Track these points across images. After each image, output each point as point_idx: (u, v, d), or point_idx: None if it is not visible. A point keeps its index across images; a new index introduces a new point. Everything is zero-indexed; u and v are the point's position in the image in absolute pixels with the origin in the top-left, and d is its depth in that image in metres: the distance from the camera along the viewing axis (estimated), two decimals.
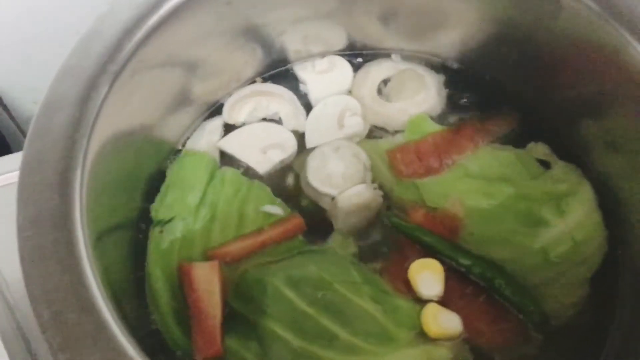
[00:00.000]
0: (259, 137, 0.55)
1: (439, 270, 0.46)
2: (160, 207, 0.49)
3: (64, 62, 0.41)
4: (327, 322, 0.41)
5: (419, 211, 0.50)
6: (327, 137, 0.54)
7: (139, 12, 0.43)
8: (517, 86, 0.54)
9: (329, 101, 0.56)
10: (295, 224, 0.49)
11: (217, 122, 0.56)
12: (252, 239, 0.48)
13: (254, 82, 0.57)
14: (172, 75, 0.49)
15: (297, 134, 0.55)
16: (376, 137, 0.55)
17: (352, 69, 0.57)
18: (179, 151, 0.53)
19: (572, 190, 0.49)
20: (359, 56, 0.58)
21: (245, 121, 0.56)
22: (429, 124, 0.53)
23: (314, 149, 0.54)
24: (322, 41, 0.57)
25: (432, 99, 0.55)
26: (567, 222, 0.47)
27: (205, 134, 0.55)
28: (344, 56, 0.58)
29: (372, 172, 0.52)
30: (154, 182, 0.50)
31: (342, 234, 0.49)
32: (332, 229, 0.50)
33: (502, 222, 0.48)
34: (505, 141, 0.52)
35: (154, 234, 0.48)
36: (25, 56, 0.67)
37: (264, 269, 0.45)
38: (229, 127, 0.56)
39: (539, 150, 0.52)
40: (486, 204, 0.49)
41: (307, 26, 0.54)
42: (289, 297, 0.42)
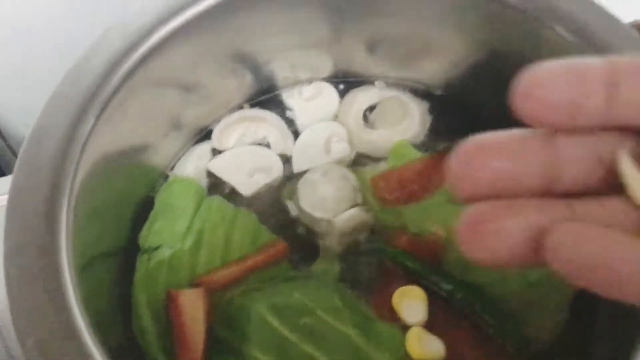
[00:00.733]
0: (246, 160, 0.56)
1: (421, 297, 0.47)
2: (148, 235, 0.49)
3: (54, 91, 0.42)
4: (309, 348, 0.42)
5: (403, 237, 0.50)
6: (315, 161, 0.55)
7: (129, 42, 0.44)
8: (499, 113, 0.55)
9: (316, 127, 0.57)
10: (279, 249, 0.50)
11: (206, 147, 0.57)
12: (238, 265, 0.48)
13: (242, 108, 0.58)
14: (161, 102, 0.50)
15: (285, 158, 0.56)
16: (361, 164, 0.56)
17: (338, 94, 0.59)
18: (168, 176, 0.54)
19: None
20: (344, 82, 0.59)
21: (234, 147, 0.57)
22: (411, 151, 0.54)
23: (302, 174, 0.55)
24: (309, 68, 0.58)
25: (416, 126, 0.56)
26: None
27: (194, 158, 0.56)
28: (330, 82, 0.59)
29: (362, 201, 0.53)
30: (143, 209, 0.51)
31: (327, 259, 0.50)
32: (318, 253, 0.50)
33: None
34: None
35: (142, 261, 0.48)
36: (17, 78, 0.67)
37: (248, 296, 0.45)
38: (217, 153, 0.56)
39: None
40: None
41: (294, 54, 0.55)
42: (272, 324, 0.43)
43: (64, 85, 0.42)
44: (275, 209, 0.54)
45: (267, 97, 0.59)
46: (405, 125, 0.57)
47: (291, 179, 0.55)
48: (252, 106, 0.58)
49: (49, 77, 0.43)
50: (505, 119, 0.57)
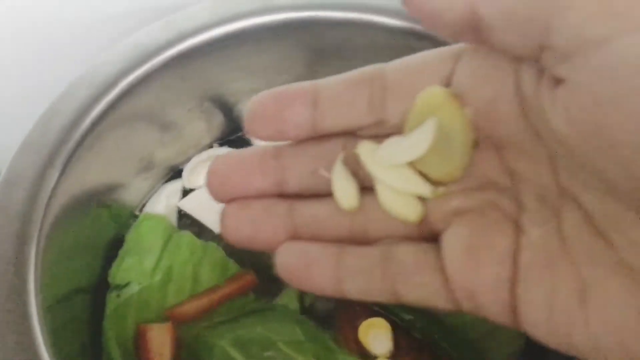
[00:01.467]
0: None
1: (386, 328, 0.48)
2: (117, 272, 0.50)
3: (24, 138, 0.44)
4: None
5: None
6: None
7: (97, 89, 0.46)
8: None
9: None
10: (246, 280, 0.51)
11: (176, 186, 0.58)
12: (206, 297, 0.50)
13: (211, 147, 0.60)
14: (130, 145, 0.52)
15: None
16: None
17: None
18: (138, 216, 0.56)
19: None
20: None
21: (204, 185, 0.59)
22: None
23: None
24: None
25: None
26: None
27: (164, 197, 0.58)
28: None
29: None
30: (113, 248, 0.52)
31: (291, 292, 0.51)
32: (282, 285, 0.52)
33: None
34: None
35: (111, 298, 0.49)
36: None
37: (213, 331, 0.47)
38: (187, 192, 0.58)
39: None
40: None
41: None
42: (235, 358, 0.44)
43: (34, 131, 0.44)
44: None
45: (235, 137, 0.61)
46: None
47: None
48: (221, 145, 0.60)
49: (25, 118, 0.44)
50: None
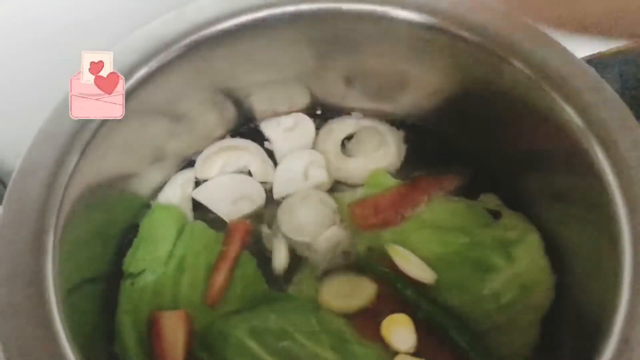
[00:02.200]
0: (229, 189, 0.58)
1: (409, 324, 0.48)
2: (131, 261, 0.51)
3: (40, 128, 0.44)
4: None
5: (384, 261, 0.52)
6: (294, 187, 0.58)
7: None
8: (470, 142, 0.58)
9: (295, 154, 0.59)
10: (243, 229, 0.53)
11: (189, 175, 0.58)
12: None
13: (223, 138, 0.60)
14: (145, 135, 0.52)
15: (267, 185, 0.58)
16: (338, 190, 0.58)
17: (315, 126, 0.61)
18: (151, 205, 0.56)
19: (521, 237, 0.52)
20: (321, 114, 0.62)
21: (217, 176, 0.59)
22: (386, 179, 0.56)
23: (282, 200, 0.57)
24: (287, 101, 0.60)
25: (392, 154, 0.59)
26: (515, 268, 0.50)
27: (177, 186, 0.58)
28: (307, 114, 0.62)
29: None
30: (127, 236, 0.53)
31: (306, 281, 0.52)
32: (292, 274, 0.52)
33: (457, 269, 0.51)
34: (457, 193, 0.56)
35: (125, 286, 0.50)
36: (5, 109, 0.69)
37: (227, 321, 0.47)
38: (199, 182, 0.58)
39: (489, 201, 0.55)
40: (442, 252, 0.52)
41: (272, 89, 0.58)
42: (251, 348, 0.44)
43: (49, 122, 0.44)
44: (256, 232, 0.56)
45: (246, 128, 0.61)
46: (381, 153, 0.59)
47: (272, 205, 0.57)
48: (233, 137, 0.61)
49: (39, 109, 0.44)
50: (477, 148, 0.60)
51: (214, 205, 0.57)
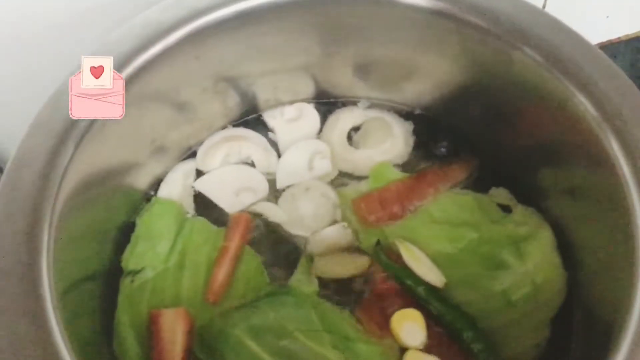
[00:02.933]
0: (232, 180, 0.56)
1: (420, 319, 0.47)
2: (130, 258, 0.49)
3: (34, 118, 0.42)
4: None
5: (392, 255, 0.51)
6: (297, 178, 0.56)
7: None
8: (480, 134, 0.56)
9: (300, 144, 0.58)
10: (245, 221, 0.52)
11: (190, 166, 0.57)
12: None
13: (225, 128, 0.59)
14: (143, 125, 0.51)
15: (269, 176, 0.57)
16: (343, 182, 0.56)
17: (320, 116, 0.59)
18: (151, 199, 0.55)
19: (532, 233, 0.50)
20: (326, 103, 0.60)
21: (219, 167, 0.58)
22: (391, 172, 0.55)
23: (284, 190, 0.56)
24: (291, 90, 0.59)
25: (399, 146, 0.57)
26: (527, 265, 0.49)
27: (178, 177, 0.56)
28: (312, 103, 0.60)
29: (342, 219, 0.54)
30: (125, 233, 0.51)
31: (306, 274, 0.50)
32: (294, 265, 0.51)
33: (466, 266, 0.50)
34: (465, 186, 0.54)
35: (125, 284, 0.49)
36: (4, 102, 0.68)
37: (227, 319, 0.45)
38: (201, 174, 0.57)
39: (500, 194, 0.54)
40: (451, 248, 0.51)
41: (276, 78, 0.56)
42: (250, 347, 0.43)
43: (44, 111, 0.42)
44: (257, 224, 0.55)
45: (249, 118, 0.60)
46: (388, 145, 0.57)
47: (274, 195, 0.56)
48: (235, 127, 0.59)
49: (38, 101, 0.44)
50: (487, 139, 0.58)
51: (215, 196, 0.56)
